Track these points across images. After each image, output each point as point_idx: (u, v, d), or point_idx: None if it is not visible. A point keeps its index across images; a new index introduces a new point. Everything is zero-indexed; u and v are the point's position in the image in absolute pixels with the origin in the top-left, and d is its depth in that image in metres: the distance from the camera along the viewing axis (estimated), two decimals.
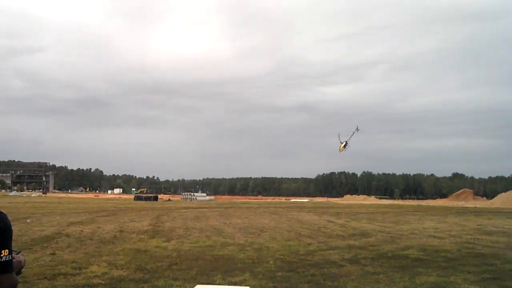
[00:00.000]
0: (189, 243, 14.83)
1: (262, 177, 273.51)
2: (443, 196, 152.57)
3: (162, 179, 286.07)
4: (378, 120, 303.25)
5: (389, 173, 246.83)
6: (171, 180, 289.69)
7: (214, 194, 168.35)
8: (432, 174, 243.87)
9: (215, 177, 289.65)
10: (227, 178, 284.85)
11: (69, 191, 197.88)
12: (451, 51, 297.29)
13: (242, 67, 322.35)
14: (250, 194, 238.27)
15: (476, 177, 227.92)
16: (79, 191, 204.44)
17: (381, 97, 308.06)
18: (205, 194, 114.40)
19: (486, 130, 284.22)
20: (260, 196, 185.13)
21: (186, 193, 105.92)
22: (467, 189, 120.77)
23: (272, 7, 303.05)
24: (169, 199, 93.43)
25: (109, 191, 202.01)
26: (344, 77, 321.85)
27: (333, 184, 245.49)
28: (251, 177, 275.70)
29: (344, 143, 54.65)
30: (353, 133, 54.63)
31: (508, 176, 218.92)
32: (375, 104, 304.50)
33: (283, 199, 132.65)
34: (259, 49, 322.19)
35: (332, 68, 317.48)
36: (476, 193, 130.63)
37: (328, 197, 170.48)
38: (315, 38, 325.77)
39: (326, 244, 15.09)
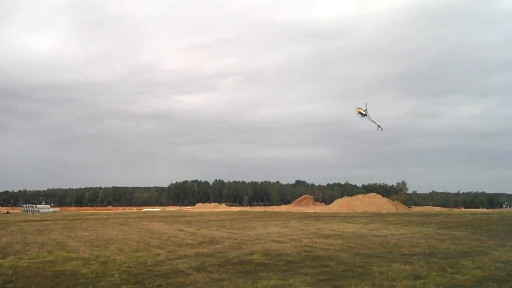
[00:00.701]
0: (28, 259, 13.78)
1: (112, 186, 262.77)
2: (287, 202, 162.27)
3: (0, 190, 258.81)
4: (229, 129, 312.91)
5: (239, 181, 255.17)
6: (10, 191, 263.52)
7: (60, 206, 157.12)
8: (277, 182, 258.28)
9: (61, 187, 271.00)
10: (74, 188, 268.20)
11: None
12: (295, 66, 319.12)
13: (94, 71, 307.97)
14: (99, 205, 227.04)
15: (316, 184, 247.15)
16: None
17: (233, 107, 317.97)
18: (49, 206, 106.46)
19: (325, 140, 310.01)
20: (110, 207, 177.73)
21: (27, 205, 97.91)
22: (308, 195, 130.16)
23: (125, 13, 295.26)
24: (7, 211, 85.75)
25: None
26: (198, 87, 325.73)
27: (185, 193, 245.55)
28: (100, 187, 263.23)
29: (365, 112, 50.87)
30: (375, 123, 51.48)
31: (344, 183, 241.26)
32: (227, 114, 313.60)
33: (134, 209, 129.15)
34: (112, 54, 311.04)
35: (186, 77, 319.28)
36: (316, 199, 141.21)
37: (180, 205, 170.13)
38: (170, 46, 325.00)
39: (175, 253, 15.16)
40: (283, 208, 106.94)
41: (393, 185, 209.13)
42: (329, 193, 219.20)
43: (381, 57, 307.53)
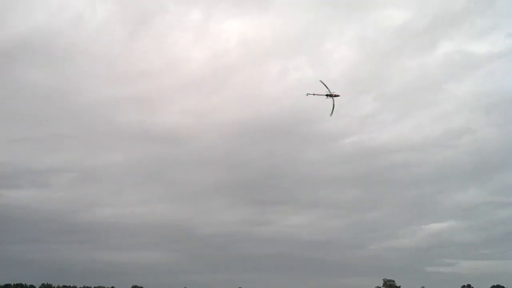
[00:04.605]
0: None
1: None
2: None
3: None
4: (62, 229, 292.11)
5: (70, 285, 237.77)
6: None
7: None
8: (112, 287, 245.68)
9: None
10: None
11: None
12: (135, 167, 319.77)
13: None
14: None
15: None
16: None
17: (67, 206, 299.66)
18: None
19: (163, 244, 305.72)
20: None
21: None
22: None
23: None
24: None
25: None
26: (29, 182, 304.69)
27: None
28: None
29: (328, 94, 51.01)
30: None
31: None
32: (60, 212, 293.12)
33: None
34: None
35: (16, 171, 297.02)
36: None
37: None
38: None
39: None
40: None
41: None
42: None
43: (218, 165, 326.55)
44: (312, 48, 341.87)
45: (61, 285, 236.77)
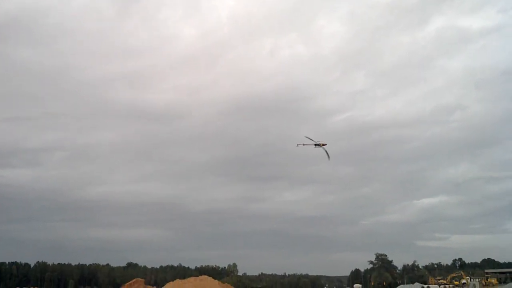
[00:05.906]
0: None
1: None
2: (117, 286, 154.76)
3: None
4: (55, 207, 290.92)
5: (64, 263, 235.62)
6: None
7: None
8: (107, 264, 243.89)
9: None
10: None
11: None
12: (128, 145, 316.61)
13: None
14: None
15: (149, 266, 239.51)
16: None
17: (60, 184, 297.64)
18: None
19: (157, 221, 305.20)
20: None
21: None
22: (139, 279, 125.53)
23: None
24: None
25: None
26: (21, 161, 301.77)
27: (1, 276, 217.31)
28: None
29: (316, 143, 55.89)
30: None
31: (177, 265, 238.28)
32: (53, 190, 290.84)
33: None
34: None
35: (7, 150, 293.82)
36: (148, 282, 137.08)
37: None
38: None
39: None
40: None
41: (225, 267, 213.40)
42: (161, 276, 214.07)
43: (211, 142, 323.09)
44: (303, 24, 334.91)
45: (55, 263, 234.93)
